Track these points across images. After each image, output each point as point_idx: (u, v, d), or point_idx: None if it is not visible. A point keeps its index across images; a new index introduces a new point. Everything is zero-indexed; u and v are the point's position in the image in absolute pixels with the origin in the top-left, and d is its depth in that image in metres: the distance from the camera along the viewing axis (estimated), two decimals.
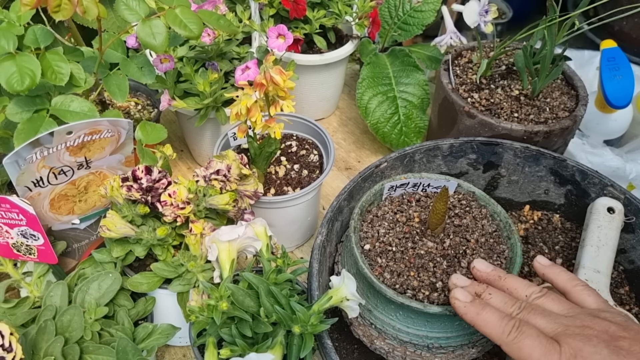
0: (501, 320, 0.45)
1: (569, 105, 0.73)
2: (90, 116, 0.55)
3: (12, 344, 0.46)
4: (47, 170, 0.55)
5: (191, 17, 0.55)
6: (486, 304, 0.47)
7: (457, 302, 0.48)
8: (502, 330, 0.44)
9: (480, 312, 0.46)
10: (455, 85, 0.76)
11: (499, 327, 0.45)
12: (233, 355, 0.48)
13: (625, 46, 0.87)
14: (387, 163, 0.66)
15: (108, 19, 0.81)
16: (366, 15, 0.88)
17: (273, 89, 0.57)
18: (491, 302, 0.48)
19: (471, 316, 0.46)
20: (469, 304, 0.47)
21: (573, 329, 0.43)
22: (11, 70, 0.51)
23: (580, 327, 0.43)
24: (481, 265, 0.52)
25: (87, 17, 0.52)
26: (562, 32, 0.68)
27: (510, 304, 0.47)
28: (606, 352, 0.40)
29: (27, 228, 0.55)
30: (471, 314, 0.46)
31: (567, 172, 0.67)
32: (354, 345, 0.61)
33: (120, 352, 0.52)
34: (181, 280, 0.59)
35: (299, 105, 0.95)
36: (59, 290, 0.57)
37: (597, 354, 0.40)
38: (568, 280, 0.49)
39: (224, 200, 0.59)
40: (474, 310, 0.46)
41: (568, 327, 0.43)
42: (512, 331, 0.44)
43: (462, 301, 0.47)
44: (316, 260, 0.55)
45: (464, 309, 0.47)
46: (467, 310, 0.47)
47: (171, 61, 0.68)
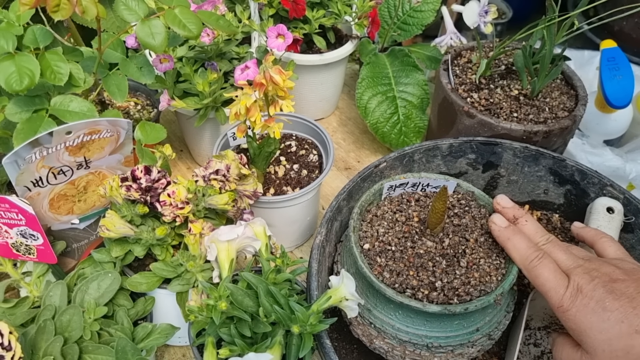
0: (527, 248, 0.51)
1: (569, 105, 0.73)
2: (89, 116, 0.55)
3: (11, 342, 0.46)
4: (46, 170, 0.55)
5: (190, 17, 0.55)
6: (518, 232, 0.53)
7: (493, 225, 0.54)
8: (526, 257, 0.50)
9: (511, 237, 0.52)
10: (455, 85, 0.76)
11: (524, 254, 0.51)
12: (232, 355, 0.48)
13: (625, 46, 0.87)
14: (386, 163, 0.66)
15: (107, 19, 0.81)
16: (366, 15, 0.88)
17: (272, 88, 0.57)
18: (524, 228, 0.54)
19: (502, 239, 0.53)
20: (504, 228, 0.53)
21: (583, 268, 0.48)
22: (10, 70, 0.51)
23: (589, 269, 0.48)
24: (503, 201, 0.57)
25: (86, 17, 0.52)
26: (562, 32, 0.68)
27: (540, 233, 0.53)
28: (601, 291, 0.45)
29: (26, 228, 0.55)
30: (503, 238, 0.53)
31: (567, 172, 0.67)
32: (353, 344, 0.61)
33: (119, 351, 0.52)
34: (180, 280, 0.59)
35: (299, 105, 0.95)
36: (59, 290, 0.57)
37: (594, 291, 0.46)
38: (596, 234, 0.56)
39: (223, 200, 0.59)
40: (505, 235, 0.53)
41: (580, 266, 0.48)
42: (534, 260, 0.50)
43: (498, 225, 0.54)
44: (315, 260, 0.55)
45: (498, 232, 0.54)
46: (500, 233, 0.53)
47: (170, 61, 0.68)
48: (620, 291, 0.45)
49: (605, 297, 0.45)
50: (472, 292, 0.51)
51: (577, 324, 0.45)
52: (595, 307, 0.45)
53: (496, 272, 0.53)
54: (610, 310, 0.44)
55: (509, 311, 0.56)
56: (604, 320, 0.44)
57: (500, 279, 0.52)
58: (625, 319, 0.43)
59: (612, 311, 0.44)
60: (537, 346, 0.61)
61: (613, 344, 0.43)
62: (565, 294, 0.47)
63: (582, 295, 0.46)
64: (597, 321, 0.44)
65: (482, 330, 0.53)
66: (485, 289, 0.51)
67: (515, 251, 0.51)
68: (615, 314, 0.44)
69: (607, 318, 0.44)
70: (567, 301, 0.46)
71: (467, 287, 0.51)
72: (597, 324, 0.44)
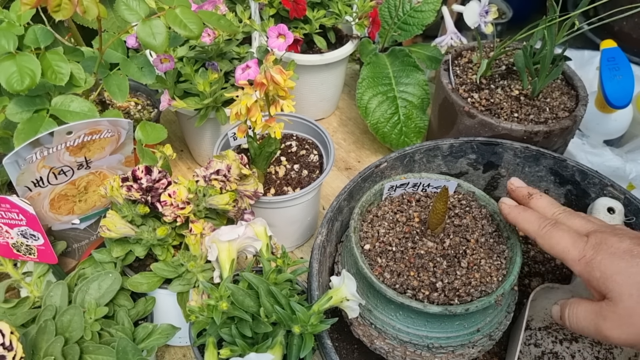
0: (539, 218, 0.50)
1: (569, 105, 0.73)
2: (90, 116, 0.55)
3: (12, 342, 0.46)
4: (47, 170, 0.55)
5: (191, 17, 0.55)
6: (528, 208, 0.52)
7: (503, 205, 0.54)
8: (538, 225, 0.50)
9: (522, 212, 0.52)
10: (455, 85, 0.76)
11: (537, 224, 0.50)
12: (233, 355, 0.48)
13: (625, 46, 0.87)
14: (387, 163, 0.66)
15: (108, 19, 0.81)
16: (366, 15, 0.88)
17: (273, 88, 0.57)
18: (538, 202, 0.53)
19: (514, 215, 0.52)
20: (514, 207, 0.53)
21: (604, 228, 0.48)
22: (11, 70, 0.51)
23: (612, 228, 0.48)
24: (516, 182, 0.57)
25: (87, 17, 0.52)
26: (562, 32, 0.68)
27: (555, 206, 0.52)
28: (628, 242, 0.45)
29: (27, 228, 0.55)
30: (514, 214, 0.52)
31: (567, 172, 0.67)
32: (354, 345, 0.61)
33: (120, 352, 0.52)
34: (181, 280, 0.59)
35: (299, 105, 0.95)
36: (59, 290, 0.57)
37: (619, 242, 0.45)
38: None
39: (224, 200, 0.59)
40: (516, 211, 0.53)
41: (600, 227, 0.48)
42: (547, 226, 0.49)
43: (508, 204, 0.54)
44: (316, 260, 0.55)
45: (508, 209, 0.53)
46: (511, 210, 0.53)
47: (171, 61, 0.68)
48: None
49: (633, 247, 0.44)
50: (473, 293, 0.51)
51: (602, 271, 0.44)
52: (623, 254, 0.44)
53: (497, 272, 0.53)
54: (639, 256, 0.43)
55: (509, 312, 0.56)
56: (632, 265, 0.43)
57: (501, 280, 0.52)
58: None
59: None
60: (538, 346, 0.61)
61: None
62: (587, 245, 0.46)
63: (606, 245, 0.45)
64: (625, 266, 0.43)
65: (483, 331, 0.53)
66: (486, 290, 0.51)
67: (527, 223, 0.51)
68: None
69: (636, 263, 0.43)
70: (590, 251, 0.45)
71: (468, 287, 0.51)
72: (625, 268, 0.43)
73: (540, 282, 0.63)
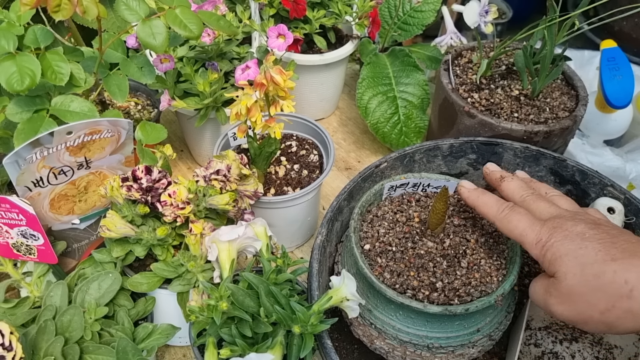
0: (498, 202, 0.51)
1: (569, 105, 0.73)
2: (90, 116, 0.55)
3: (12, 342, 0.46)
4: (47, 170, 0.55)
5: (191, 17, 0.55)
6: (487, 192, 0.52)
7: (462, 188, 0.54)
8: (497, 209, 0.50)
9: (481, 195, 0.52)
10: (455, 85, 0.76)
11: (495, 207, 0.50)
12: (233, 355, 0.48)
13: (625, 46, 0.87)
14: (387, 163, 0.66)
15: (108, 19, 0.81)
16: (366, 15, 0.88)
17: (273, 88, 0.57)
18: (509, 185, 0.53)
19: (473, 199, 0.52)
20: (473, 189, 0.53)
21: (565, 214, 0.48)
22: (11, 70, 0.51)
23: (572, 214, 0.48)
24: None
25: (87, 17, 0.52)
26: (562, 32, 0.68)
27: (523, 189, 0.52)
28: (583, 226, 0.45)
29: (27, 228, 0.55)
30: (473, 197, 0.52)
31: (567, 172, 0.67)
32: (354, 345, 0.61)
33: (120, 352, 0.52)
34: (181, 280, 0.59)
35: (299, 105, 0.95)
36: (59, 290, 0.57)
37: (574, 226, 0.45)
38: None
39: (224, 200, 0.59)
40: (475, 194, 0.53)
41: (561, 212, 0.48)
42: (505, 209, 0.49)
43: (467, 187, 0.54)
44: (316, 260, 0.55)
45: (468, 193, 0.53)
46: (470, 194, 0.53)
47: (171, 61, 0.68)
48: (602, 229, 0.45)
49: (586, 230, 0.45)
50: (473, 293, 0.51)
51: (553, 253, 0.45)
52: (575, 237, 0.45)
53: (497, 272, 0.53)
54: (589, 240, 0.44)
55: (509, 312, 0.56)
56: (581, 247, 0.44)
57: (501, 280, 0.52)
58: (603, 248, 0.43)
59: (592, 241, 0.44)
60: (538, 346, 0.61)
61: (585, 269, 0.43)
62: (543, 229, 0.46)
63: (561, 229, 0.45)
64: (574, 248, 0.44)
65: (483, 331, 0.53)
66: (486, 290, 0.51)
67: (486, 207, 0.51)
68: (594, 244, 0.44)
69: (584, 246, 0.44)
70: (545, 234, 0.46)
71: (468, 287, 0.51)
72: (573, 250, 0.44)
73: None
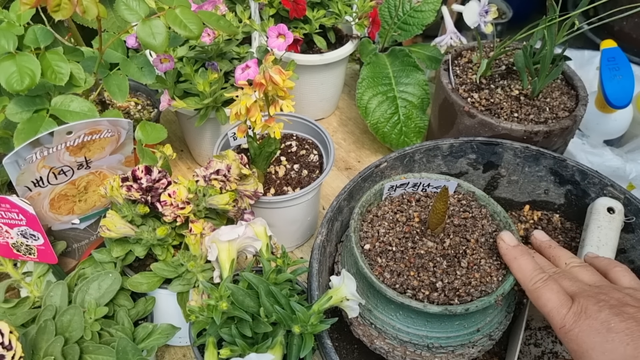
0: (533, 270, 0.49)
1: (569, 105, 0.73)
2: (90, 116, 0.55)
3: (12, 342, 0.46)
4: (47, 170, 0.55)
5: (191, 17, 0.55)
6: (526, 252, 0.51)
7: (502, 242, 0.53)
8: (530, 278, 0.49)
9: (518, 257, 0.51)
10: (455, 85, 0.76)
11: (529, 276, 0.49)
12: (233, 355, 0.48)
13: (625, 46, 0.87)
14: (387, 163, 0.66)
15: (108, 19, 0.81)
16: (366, 15, 0.88)
17: (272, 88, 0.57)
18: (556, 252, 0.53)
19: (509, 258, 0.51)
20: (512, 247, 0.52)
21: (590, 292, 0.46)
22: (11, 70, 0.51)
23: (597, 293, 0.46)
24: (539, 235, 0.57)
25: (87, 17, 0.52)
26: (562, 32, 0.68)
27: (548, 266, 0.51)
28: (607, 313, 0.43)
29: (27, 228, 0.55)
30: (509, 256, 0.51)
31: (567, 172, 0.67)
32: (354, 345, 0.61)
33: (120, 352, 0.52)
34: (181, 280, 0.59)
35: (299, 105, 0.95)
36: (59, 290, 0.57)
37: (599, 312, 0.44)
38: (609, 264, 0.52)
39: (224, 200, 0.59)
40: (513, 254, 0.51)
41: (586, 291, 0.47)
42: (538, 281, 0.48)
43: (507, 243, 0.52)
44: (316, 260, 0.55)
45: (506, 250, 0.52)
46: (508, 252, 0.52)
47: (171, 61, 0.68)
48: (629, 314, 0.43)
49: (611, 318, 0.43)
50: (473, 293, 0.51)
51: (579, 345, 0.44)
52: (600, 327, 0.43)
53: (497, 272, 0.53)
54: (615, 331, 0.42)
55: (509, 311, 0.56)
56: (608, 341, 0.42)
57: (501, 280, 0.52)
58: (631, 341, 0.41)
59: (618, 332, 0.42)
60: (538, 346, 0.61)
61: None
62: (568, 314, 0.45)
63: (585, 316, 0.44)
64: (600, 342, 0.42)
65: (483, 331, 0.53)
66: (486, 290, 0.51)
67: (520, 272, 0.50)
68: (621, 336, 0.42)
69: (611, 339, 0.42)
70: (569, 321, 0.45)
71: (468, 287, 0.51)
72: (600, 344, 0.42)
73: None
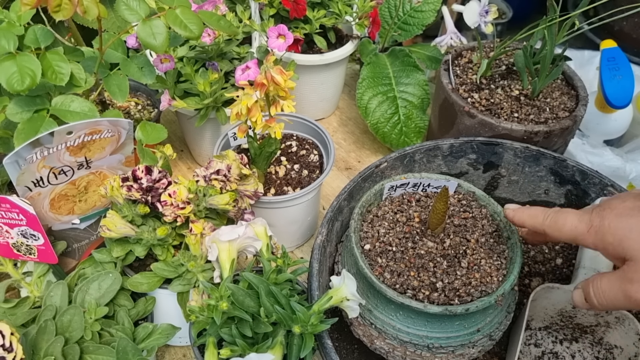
0: (543, 211, 0.50)
1: (569, 105, 0.73)
2: (90, 116, 0.55)
3: (12, 344, 0.46)
4: (47, 170, 0.55)
5: (191, 17, 0.55)
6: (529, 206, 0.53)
7: (508, 210, 0.54)
8: (543, 216, 0.50)
9: (526, 210, 0.53)
10: (456, 85, 0.76)
11: (542, 215, 0.50)
12: (233, 355, 0.48)
13: (625, 46, 0.87)
14: (387, 163, 0.66)
15: (108, 19, 0.81)
16: (366, 15, 0.88)
17: (274, 89, 0.57)
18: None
19: (519, 216, 0.53)
20: (518, 209, 0.54)
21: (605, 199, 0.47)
22: (11, 70, 0.51)
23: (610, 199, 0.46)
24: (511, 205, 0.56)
25: (88, 17, 0.52)
26: (562, 32, 0.68)
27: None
28: (632, 200, 0.44)
29: (27, 228, 0.55)
30: (519, 214, 0.53)
31: (567, 172, 0.67)
32: (354, 345, 0.61)
33: (120, 352, 0.52)
34: (181, 280, 0.59)
35: (299, 105, 0.95)
36: (59, 290, 0.57)
37: (622, 202, 0.44)
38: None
39: (224, 200, 0.59)
40: (521, 211, 0.53)
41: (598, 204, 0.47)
42: (550, 213, 0.49)
43: (512, 208, 0.54)
44: (316, 260, 0.55)
45: (513, 212, 0.53)
46: (516, 213, 0.53)
47: (171, 61, 0.68)
48: None
49: (637, 203, 0.43)
50: (473, 293, 0.51)
51: (614, 234, 0.43)
52: (631, 211, 0.43)
53: (497, 272, 0.53)
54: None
55: (509, 312, 0.56)
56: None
57: (502, 280, 0.52)
58: None
59: None
60: (538, 346, 0.61)
61: None
62: (592, 215, 0.45)
63: (610, 209, 0.44)
64: (636, 222, 0.42)
65: (483, 331, 0.53)
66: (487, 290, 0.51)
67: (533, 218, 0.50)
68: None
69: None
70: (596, 219, 0.44)
71: (468, 287, 0.51)
72: (636, 224, 0.42)
73: (540, 282, 0.63)
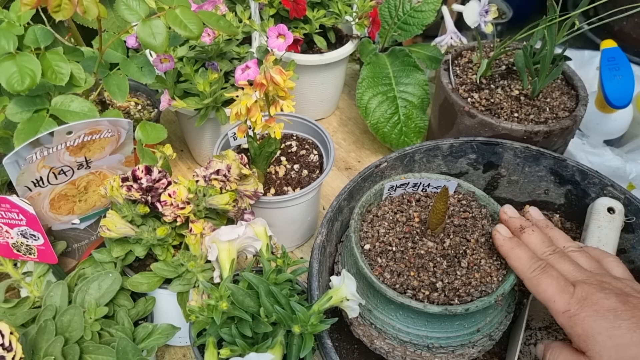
0: (530, 259, 0.49)
1: (569, 105, 0.73)
2: (90, 116, 0.55)
3: (12, 343, 0.46)
4: (47, 170, 0.55)
5: (191, 17, 0.55)
6: (522, 244, 0.51)
7: (498, 234, 0.53)
8: (528, 267, 0.49)
9: (515, 248, 0.51)
10: (455, 85, 0.76)
11: (527, 264, 0.49)
12: (233, 355, 0.48)
13: (625, 46, 0.87)
14: (387, 163, 0.66)
15: (108, 19, 0.81)
16: (366, 15, 0.88)
17: (273, 88, 0.57)
18: (530, 238, 0.52)
19: (506, 249, 0.51)
20: (508, 239, 0.52)
21: (592, 280, 0.47)
22: (11, 70, 0.51)
23: (599, 281, 0.47)
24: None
25: (87, 17, 0.52)
26: (562, 32, 0.68)
27: (547, 244, 0.51)
28: (614, 300, 0.44)
29: (27, 228, 0.55)
30: (506, 248, 0.51)
31: (567, 172, 0.67)
32: (354, 345, 0.61)
33: (120, 352, 0.52)
34: (181, 280, 0.59)
35: (299, 105, 0.95)
36: (59, 290, 0.57)
37: (605, 299, 0.44)
38: (601, 253, 0.53)
39: (224, 200, 0.59)
40: (509, 245, 0.51)
41: (588, 278, 0.47)
42: (536, 269, 0.48)
43: (502, 235, 0.53)
44: (316, 260, 0.55)
45: (502, 241, 0.52)
46: (504, 243, 0.52)
47: (171, 61, 0.68)
48: (634, 304, 0.44)
49: (617, 306, 0.44)
50: (473, 293, 0.51)
51: (584, 329, 0.44)
52: (607, 313, 0.44)
53: (497, 272, 0.53)
54: (622, 318, 0.43)
55: (509, 312, 0.56)
56: (615, 327, 0.43)
57: (501, 280, 0.52)
58: (637, 329, 0.42)
59: (624, 320, 0.43)
60: None
61: (621, 351, 0.42)
62: (572, 298, 0.45)
63: (592, 302, 0.44)
64: (607, 327, 0.43)
65: (483, 331, 0.53)
66: (486, 290, 0.51)
67: (517, 261, 0.50)
68: (628, 323, 0.43)
69: (618, 325, 0.43)
70: (574, 305, 0.45)
71: (468, 287, 0.51)
72: (607, 330, 0.43)
73: None
